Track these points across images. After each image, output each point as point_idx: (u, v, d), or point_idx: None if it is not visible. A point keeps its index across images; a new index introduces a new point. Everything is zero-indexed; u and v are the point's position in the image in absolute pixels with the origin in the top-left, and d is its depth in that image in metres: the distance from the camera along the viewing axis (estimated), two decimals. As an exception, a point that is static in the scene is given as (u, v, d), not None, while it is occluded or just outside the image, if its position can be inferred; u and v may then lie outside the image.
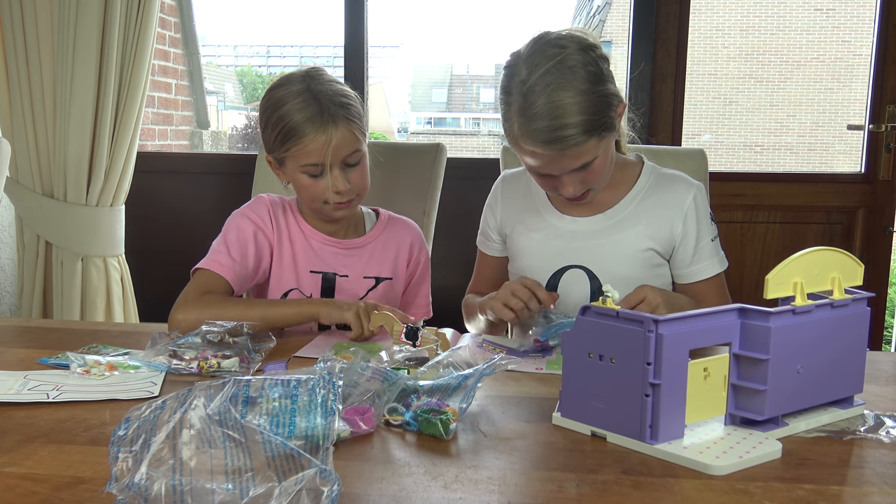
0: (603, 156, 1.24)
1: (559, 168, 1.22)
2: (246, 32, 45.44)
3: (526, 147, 1.21)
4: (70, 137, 2.25)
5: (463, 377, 0.90)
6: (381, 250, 1.45)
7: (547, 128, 1.16)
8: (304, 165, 1.31)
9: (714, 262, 1.36)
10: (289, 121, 1.29)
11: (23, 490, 0.71)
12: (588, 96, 1.17)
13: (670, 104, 2.46)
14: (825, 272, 0.90)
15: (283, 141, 1.31)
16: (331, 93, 1.32)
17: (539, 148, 1.19)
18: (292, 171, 1.34)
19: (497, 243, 1.48)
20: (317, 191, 1.33)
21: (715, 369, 0.83)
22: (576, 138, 1.17)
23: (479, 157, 4.75)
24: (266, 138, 1.36)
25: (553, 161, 1.20)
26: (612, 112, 1.21)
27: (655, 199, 1.36)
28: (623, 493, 0.72)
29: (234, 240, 1.35)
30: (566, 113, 1.16)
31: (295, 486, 0.61)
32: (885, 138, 2.43)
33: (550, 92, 1.16)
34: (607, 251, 1.34)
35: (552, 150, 1.18)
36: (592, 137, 1.19)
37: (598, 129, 1.19)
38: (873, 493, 0.73)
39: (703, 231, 1.35)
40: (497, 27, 42.87)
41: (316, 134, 1.28)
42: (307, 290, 1.41)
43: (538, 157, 1.21)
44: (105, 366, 1.04)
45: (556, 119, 1.16)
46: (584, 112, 1.17)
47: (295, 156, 1.31)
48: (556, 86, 1.16)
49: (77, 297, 2.33)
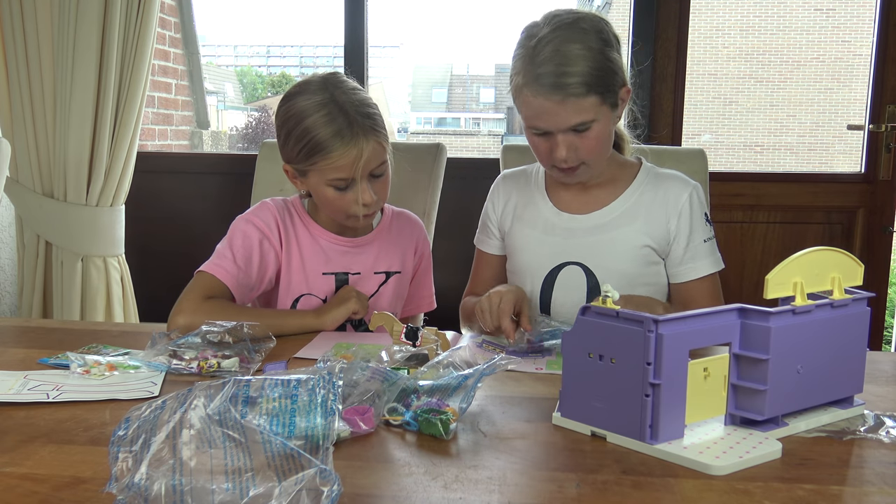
0: (600, 128, 1.25)
1: (556, 122, 1.23)
2: (246, 32, 45.48)
3: (529, 96, 1.23)
4: (70, 137, 2.25)
5: (463, 377, 0.90)
6: (389, 245, 1.46)
7: (551, 72, 1.20)
8: (332, 180, 1.28)
9: (707, 263, 1.35)
10: (315, 134, 1.25)
11: (23, 490, 0.71)
12: (595, 54, 1.22)
13: (670, 104, 2.46)
14: (825, 272, 0.90)
15: (310, 154, 1.27)
16: (357, 103, 1.28)
17: (542, 94, 1.21)
18: (316, 184, 1.31)
19: (497, 239, 1.48)
20: (343, 203, 1.31)
21: (715, 369, 0.83)
22: (578, 88, 1.20)
23: (479, 157, 4.76)
24: (287, 149, 1.32)
25: (552, 113, 1.22)
26: (616, 81, 1.25)
27: (652, 197, 1.37)
28: (623, 493, 0.72)
29: (240, 246, 1.34)
30: (572, 61, 1.20)
31: (295, 486, 0.61)
32: (885, 138, 2.43)
33: (559, 43, 1.21)
34: (604, 248, 1.35)
35: (554, 97, 1.21)
36: (594, 94, 1.22)
37: (601, 90, 1.22)
38: (873, 493, 0.73)
39: (697, 230, 1.35)
40: (497, 27, 42.91)
41: (346, 149, 1.25)
42: (321, 292, 1.40)
43: (539, 108, 1.23)
44: (105, 366, 1.04)
45: (562, 66, 1.20)
46: (590, 65, 1.21)
47: (322, 170, 1.28)
48: (566, 38, 1.22)
49: (77, 297, 2.33)
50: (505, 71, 1.33)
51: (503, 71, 18.70)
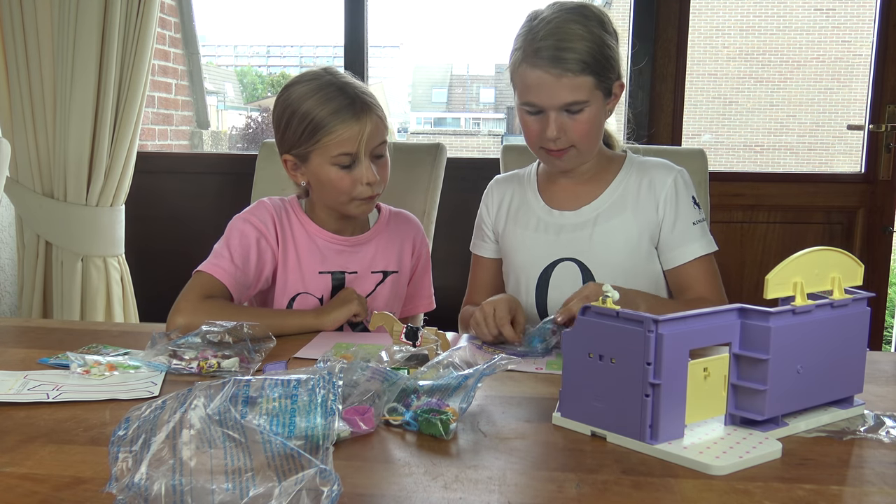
0: (592, 112, 1.28)
1: (550, 97, 1.26)
2: (246, 32, 45.44)
3: (527, 68, 1.26)
4: (70, 137, 2.25)
5: (463, 377, 0.90)
6: (386, 244, 1.46)
7: (551, 46, 1.24)
8: (336, 156, 1.29)
9: (698, 246, 1.34)
10: (319, 111, 1.28)
11: (23, 490, 0.71)
12: (595, 38, 1.26)
13: (670, 104, 2.45)
14: (825, 272, 0.90)
15: (313, 132, 1.29)
16: (355, 85, 1.33)
17: (540, 67, 1.24)
18: (319, 166, 1.31)
19: (492, 242, 1.49)
20: (346, 184, 1.31)
21: (715, 369, 0.83)
22: (575, 64, 1.24)
23: (479, 157, 4.76)
24: (286, 136, 1.33)
25: (548, 87, 1.25)
26: (611, 69, 1.29)
27: (637, 186, 1.38)
28: (623, 493, 0.72)
29: (237, 245, 1.34)
30: (572, 38, 1.24)
31: (295, 486, 0.61)
32: (885, 138, 2.43)
33: (561, 21, 1.25)
34: (596, 241, 1.35)
35: (552, 71, 1.24)
36: (589, 74, 1.25)
37: (596, 73, 1.25)
38: (873, 493, 0.73)
39: (684, 213, 1.35)
40: (497, 27, 42.84)
41: (350, 122, 1.28)
42: (317, 291, 1.40)
43: (536, 81, 1.25)
44: (105, 366, 1.04)
45: (562, 41, 1.24)
46: (589, 46, 1.24)
47: (326, 147, 1.29)
48: (568, 19, 1.26)
49: (77, 297, 2.33)
50: (505, 71, 1.34)
51: (503, 71, 18.68)
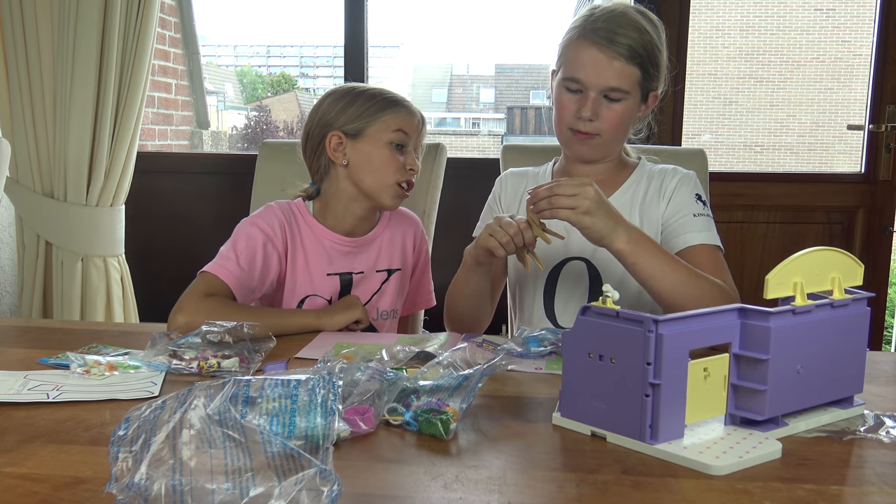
0: (626, 106, 1.31)
1: (597, 76, 1.29)
2: (246, 32, 45.38)
3: (581, 44, 1.30)
4: (70, 137, 2.25)
5: (463, 377, 0.90)
6: (389, 243, 1.48)
7: (609, 28, 1.28)
8: (395, 131, 1.38)
9: (700, 235, 1.32)
10: (388, 95, 1.40)
11: (23, 490, 0.71)
12: (651, 36, 1.30)
13: (670, 104, 2.45)
14: (825, 272, 0.90)
15: (380, 108, 1.38)
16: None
17: (595, 45, 1.28)
18: (373, 143, 1.38)
19: None
20: (395, 164, 1.38)
21: (715, 369, 0.83)
22: (625, 49, 1.27)
23: (479, 157, 4.75)
24: (346, 113, 1.39)
25: (598, 65, 1.28)
26: (655, 72, 1.33)
27: (646, 189, 1.39)
28: (623, 493, 0.72)
29: (244, 248, 1.34)
30: (629, 27, 1.29)
31: (295, 486, 0.61)
32: (885, 138, 2.43)
33: (621, 12, 1.30)
34: None
35: (606, 51, 1.27)
36: (636, 65, 1.29)
37: (643, 69, 1.30)
38: (873, 493, 0.73)
39: (685, 204, 1.35)
40: (497, 27, 42.85)
41: (412, 112, 1.41)
42: (326, 293, 1.41)
43: (588, 57, 1.29)
44: (105, 366, 1.04)
45: (620, 26, 1.28)
46: (642, 39, 1.29)
47: (388, 123, 1.38)
48: (628, 12, 1.31)
49: (77, 297, 2.33)
50: (505, 71, 1.37)
51: (503, 71, 18.66)
